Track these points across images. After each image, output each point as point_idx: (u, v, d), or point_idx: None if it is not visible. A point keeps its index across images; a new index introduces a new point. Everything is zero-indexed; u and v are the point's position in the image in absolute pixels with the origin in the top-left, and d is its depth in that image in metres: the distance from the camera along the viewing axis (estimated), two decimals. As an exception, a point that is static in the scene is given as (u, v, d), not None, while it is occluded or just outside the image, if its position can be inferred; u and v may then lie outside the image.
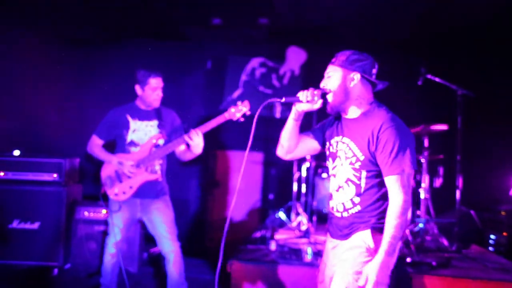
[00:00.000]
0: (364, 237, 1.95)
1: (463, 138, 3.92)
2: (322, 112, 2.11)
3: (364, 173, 1.95)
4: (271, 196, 5.27)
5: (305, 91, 1.99)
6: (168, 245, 3.06)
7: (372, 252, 1.90)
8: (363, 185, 1.97)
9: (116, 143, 3.17)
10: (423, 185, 4.16)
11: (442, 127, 3.97)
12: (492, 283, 3.10)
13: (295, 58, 5.51)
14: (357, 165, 1.96)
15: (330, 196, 2.14)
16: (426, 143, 4.03)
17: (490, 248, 4.23)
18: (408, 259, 3.56)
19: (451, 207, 4.23)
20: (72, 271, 3.83)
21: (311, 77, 5.29)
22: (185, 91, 5.18)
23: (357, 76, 1.98)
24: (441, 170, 4.46)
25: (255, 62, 5.55)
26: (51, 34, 4.51)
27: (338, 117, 2.11)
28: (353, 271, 1.91)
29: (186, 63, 5.17)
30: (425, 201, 4.13)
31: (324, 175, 4.62)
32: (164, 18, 4.84)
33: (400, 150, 1.87)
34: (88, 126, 3.59)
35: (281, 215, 4.64)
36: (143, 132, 3.12)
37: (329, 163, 2.13)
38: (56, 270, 3.79)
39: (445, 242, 4.07)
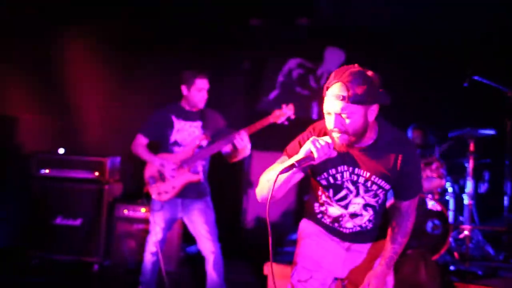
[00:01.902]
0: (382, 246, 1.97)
1: (512, 142, 3.74)
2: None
3: (382, 195, 1.92)
4: (306, 198, 5.22)
5: (315, 146, 1.64)
6: (209, 246, 3.06)
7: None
8: (379, 202, 1.94)
9: (160, 143, 3.19)
10: (467, 190, 4.01)
11: (489, 132, 3.81)
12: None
13: (333, 59, 5.43)
14: (381, 194, 1.90)
15: (334, 219, 1.97)
16: (471, 147, 3.88)
17: (539, 259, 4.02)
18: (452, 267, 3.44)
19: (497, 214, 4.05)
20: (112, 268, 3.91)
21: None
22: (222, 91, 5.20)
23: (377, 107, 1.73)
24: (487, 175, 4.28)
25: (292, 63, 5.51)
26: (96, 35, 4.63)
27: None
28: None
29: (224, 64, 5.19)
30: (469, 207, 3.98)
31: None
32: (203, 19, 4.88)
33: (418, 175, 1.91)
34: (130, 125, 3.65)
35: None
36: (186, 132, 3.13)
37: (328, 193, 1.93)
38: (96, 266, 3.88)
39: (491, 250, 3.91)
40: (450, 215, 4.15)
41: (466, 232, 3.68)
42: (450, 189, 4.25)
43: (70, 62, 4.60)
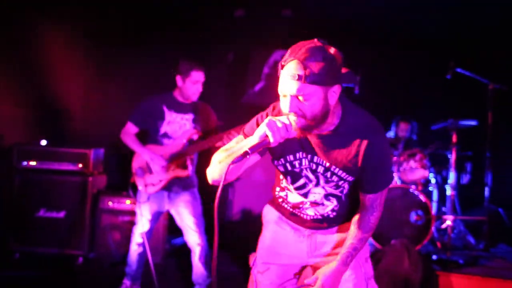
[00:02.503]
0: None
1: (493, 133, 3.81)
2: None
3: (347, 185, 1.72)
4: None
5: (270, 129, 1.47)
6: (195, 237, 3.05)
7: None
8: (344, 192, 1.75)
9: (148, 133, 3.12)
10: (449, 181, 4.09)
11: (471, 122, 3.88)
12: (524, 284, 3.02)
13: (318, 50, 5.44)
14: (343, 185, 1.71)
15: (294, 205, 1.82)
16: (454, 138, 3.94)
17: (518, 247, 4.13)
18: (434, 257, 3.50)
19: (479, 204, 4.13)
20: (97, 260, 3.88)
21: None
22: (207, 83, 5.16)
23: (338, 88, 1.53)
24: (469, 167, 4.36)
25: (277, 54, 5.50)
26: (77, 25, 4.55)
27: None
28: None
29: (208, 55, 5.15)
30: (452, 198, 4.06)
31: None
32: (187, 10, 4.82)
33: (386, 167, 1.69)
34: (113, 117, 3.60)
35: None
36: (177, 125, 3.07)
37: (287, 180, 1.77)
38: (81, 259, 3.84)
39: (472, 240, 3.99)
40: (434, 205, 4.23)
41: (448, 222, 3.75)
42: (433, 180, 4.32)
43: (52, 52, 4.51)
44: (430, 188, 4.31)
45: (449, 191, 4.03)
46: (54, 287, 3.45)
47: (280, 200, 1.87)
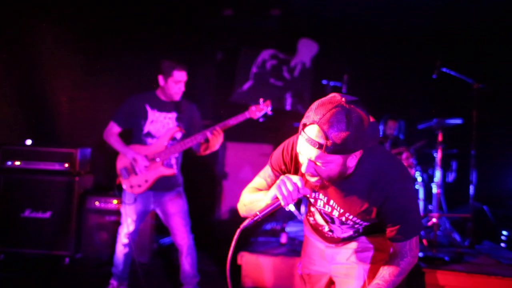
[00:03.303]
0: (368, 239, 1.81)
1: (478, 132, 3.87)
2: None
3: (364, 224, 1.71)
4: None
5: (281, 193, 1.47)
6: (182, 237, 3.04)
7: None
8: (361, 229, 1.76)
9: (132, 132, 3.10)
10: (435, 179, 4.13)
11: (457, 121, 3.93)
12: (509, 280, 3.05)
13: (306, 50, 5.47)
14: (357, 227, 1.71)
15: (318, 224, 1.86)
16: (440, 137, 3.98)
17: (502, 244, 4.20)
18: (420, 254, 3.53)
19: (464, 202, 4.19)
20: (83, 261, 3.85)
21: (322, 69, 5.25)
22: (195, 82, 5.15)
23: (360, 152, 1.46)
24: (454, 165, 4.42)
25: (266, 54, 5.51)
26: (63, 24, 4.51)
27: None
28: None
29: (197, 55, 5.14)
30: (437, 195, 4.11)
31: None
32: (176, 9, 4.81)
33: (409, 216, 1.58)
34: (100, 116, 3.59)
35: (291, 207, 4.62)
36: (161, 124, 3.06)
37: (309, 206, 1.84)
38: (67, 259, 3.81)
39: (457, 237, 4.04)
40: (420, 204, 4.27)
41: (434, 220, 3.79)
42: (419, 179, 4.37)
43: (39, 51, 4.46)
44: (416, 187, 4.35)
45: (435, 189, 4.07)
46: (40, 288, 3.42)
47: (309, 214, 1.92)
